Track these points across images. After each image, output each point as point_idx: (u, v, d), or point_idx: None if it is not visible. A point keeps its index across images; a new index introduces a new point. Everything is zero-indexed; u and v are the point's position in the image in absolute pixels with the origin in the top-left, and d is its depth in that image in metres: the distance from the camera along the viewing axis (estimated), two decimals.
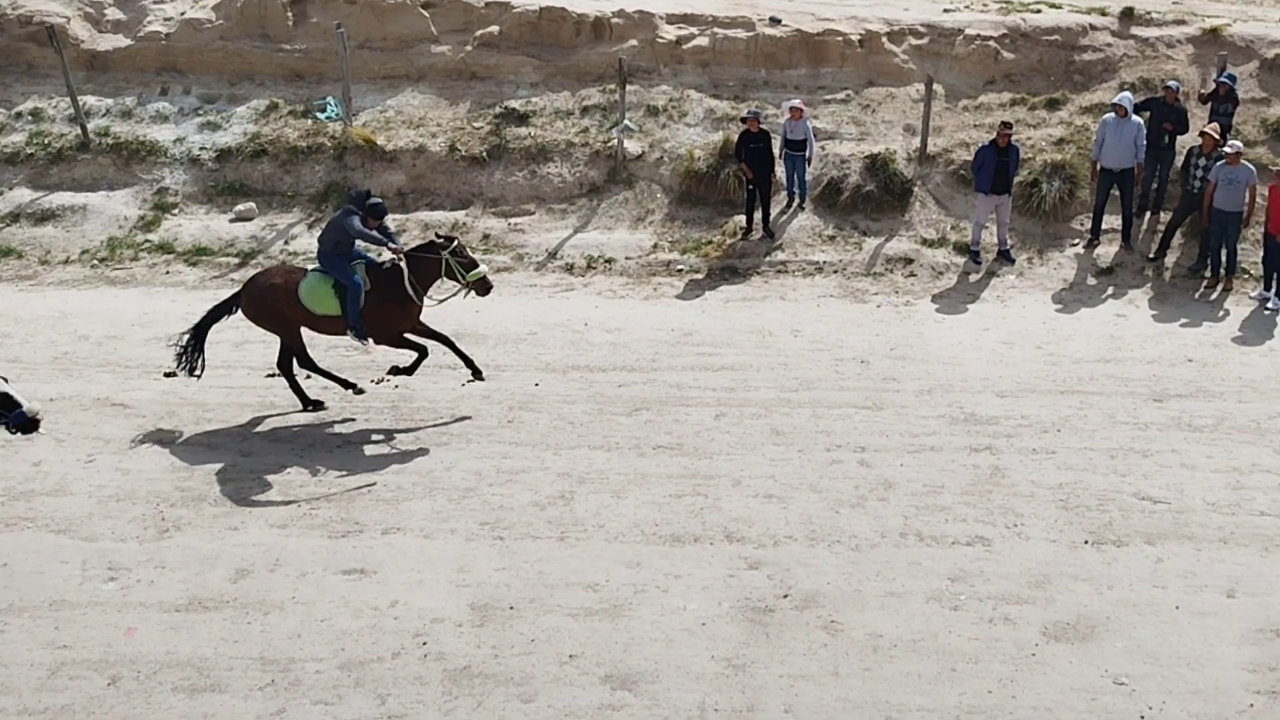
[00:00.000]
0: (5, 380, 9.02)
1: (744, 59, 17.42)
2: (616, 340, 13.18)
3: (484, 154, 16.40)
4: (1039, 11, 18.48)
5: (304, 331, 11.64)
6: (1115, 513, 10.58)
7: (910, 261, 15.25)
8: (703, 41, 17.47)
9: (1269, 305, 14.45)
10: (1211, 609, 9.43)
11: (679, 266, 15.20)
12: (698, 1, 18.29)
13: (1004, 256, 15.32)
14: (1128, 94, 15.76)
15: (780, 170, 15.91)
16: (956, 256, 15.37)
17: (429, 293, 11.62)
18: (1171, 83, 16.00)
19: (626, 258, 15.33)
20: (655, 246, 15.52)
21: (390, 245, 11.38)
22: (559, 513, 10.47)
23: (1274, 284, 14.50)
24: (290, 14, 17.77)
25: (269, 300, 11.40)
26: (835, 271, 15.09)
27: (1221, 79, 15.95)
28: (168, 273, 15.03)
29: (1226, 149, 14.60)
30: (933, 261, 15.28)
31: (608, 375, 12.68)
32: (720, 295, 14.56)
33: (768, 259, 15.29)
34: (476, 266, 11.47)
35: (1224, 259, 14.87)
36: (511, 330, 13.62)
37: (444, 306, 12.04)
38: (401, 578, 9.58)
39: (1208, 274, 15.00)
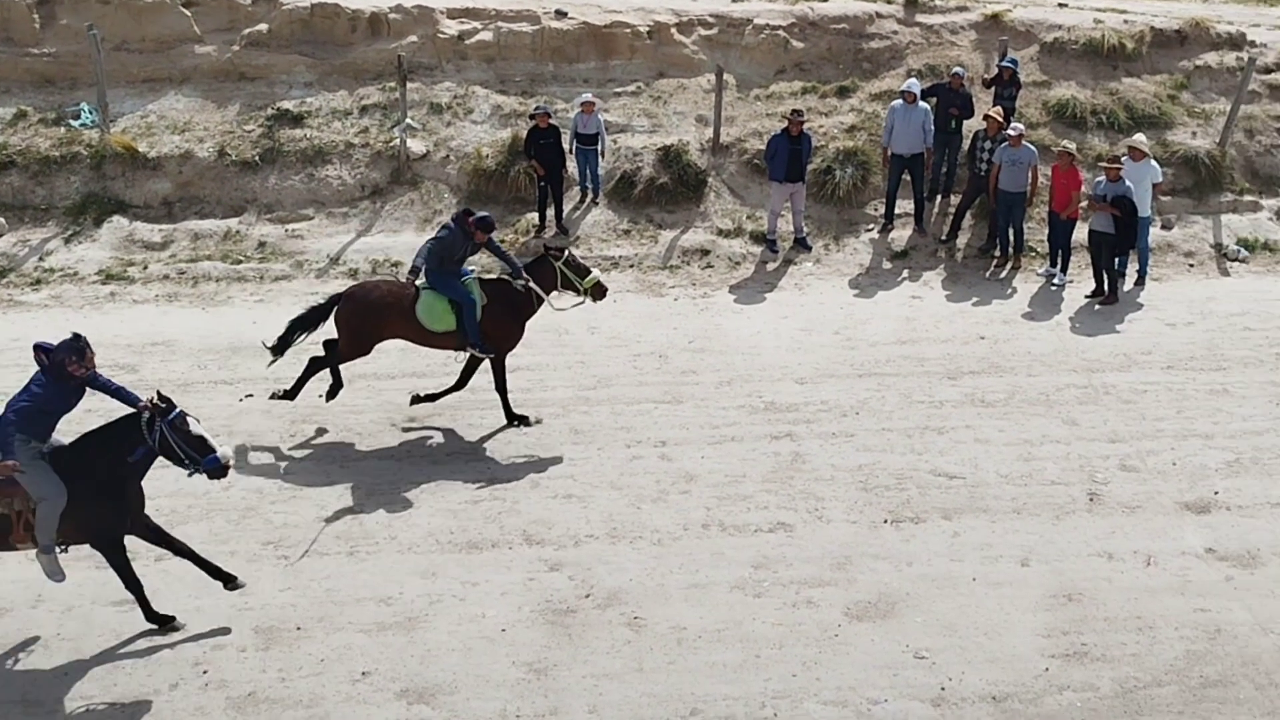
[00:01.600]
0: (197, 420, 8.66)
1: (530, 53, 17.59)
2: (405, 345, 13.11)
3: (256, 158, 16.08)
4: (826, 0, 19.23)
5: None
6: (913, 490, 11.11)
7: (707, 253, 15.66)
8: (487, 36, 17.56)
9: (1055, 281, 15.40)
10: (1007, 579, 9.98)
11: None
12: None
13: (800, 244, 15.88)
14: (915, 80, 16.57)
15: (572, 165, 16.11)
16: (753, 246, 15.86)
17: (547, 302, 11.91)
18: (957, 69, 16.89)
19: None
20: None
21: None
22: (347, 527, 10.37)
23: (1059, 260, 15.47)
24: (37, 15, 17.08)
25: (378, 313, 11.49)
26: (631, 266, 15.37)
27: (1004, 64, 16.92)
28: None
29: (1010, 131, 15.49)
30: (729, 252, 15.73)
31: (397, 383, 12.61)
32: None
33: None
34: (589, 273, 11.85)
35: (1011, 238, 15.78)
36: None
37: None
38: (178, 605, 9.32)
39: (997, 253, 15.89)
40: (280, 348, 11.76)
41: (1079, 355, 13.68)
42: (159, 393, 8.61)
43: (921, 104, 16.07)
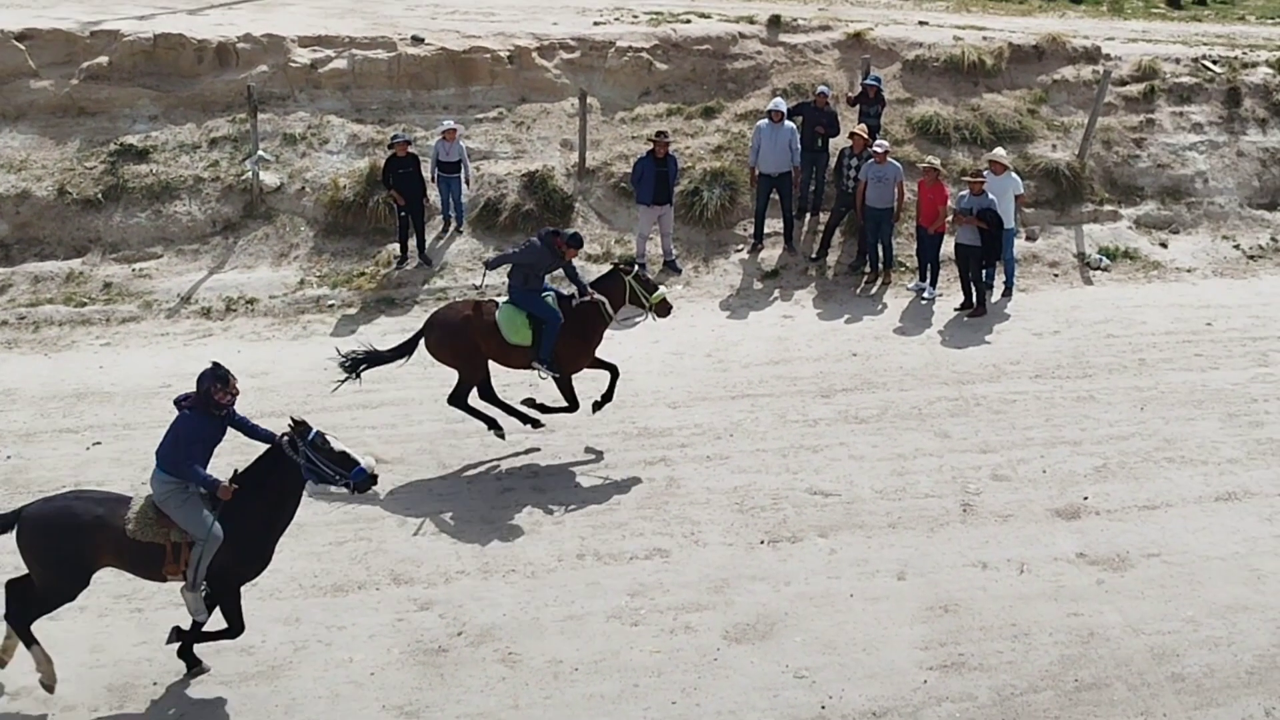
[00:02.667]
0: (335, 438, 8.84)
1: (387, 80, 17.54)
2: (263, 385, 12.92)
3: (99, 195, 15.73)
4: (689, 22, 19.58)
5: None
6: (789, 510, 11.30)
7: None
8: (341, 64, 17.47)
9: (924, 295, 15.84)
10: (884, 593, 10.22)
11: (330, 302, 15.08)
12: (333, 23, 18.31)
13: (670, 267, 16.08)
14: (781, 99, 16.95)
15: (434, 194, 16.09)
16: None
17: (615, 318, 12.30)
18: (822, 87, 17.31)
19: (270, 297, 15.07)
20: (302, 283, 15.34)
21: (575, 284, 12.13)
22: None
23: (928, 274, 15.92)
24: None
25: (463, 333, 11.82)
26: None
27: (868, 81, 17.40)
28: None
29: (875, 148, 15.93)
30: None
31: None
32: (377, 328, 14.53)
33: (426, 287, 15.41)
34: (657, 289, 12.19)
35: (880, 254, 16.20)
36: (142, 385, 13.09)
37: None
38: (22, 666, 9.01)
39: (867, 269, 16.30)
40: (352, 365, 11.93)
41: (949, 368, 14.07)
42: (293, 417, 8.82)
43: (787, 123, 16.43)
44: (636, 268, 12.33)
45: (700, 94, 18.49)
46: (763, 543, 10.83)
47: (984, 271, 15.49)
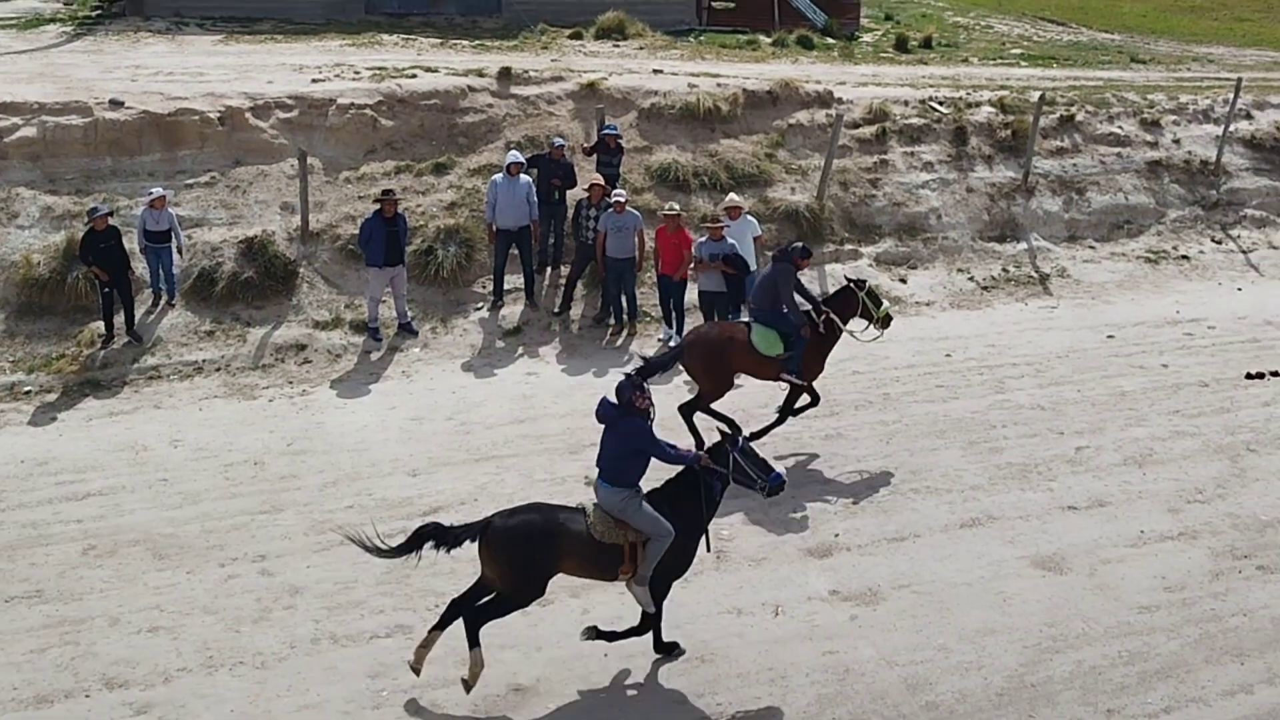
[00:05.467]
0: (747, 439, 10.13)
1: (84, 148, 16.91)
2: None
3: None
4: (414, 76, 19.65)
5: None
6: None
7: (303, 347, 15.47)
8: (29, 132, 16.75)
9: (671, 343, 16.18)
10: (639, 649, 10.24)
11: (26, 388, 14.35)
12: (19, 88, 17.60)
13: (405, 329, 15.97)
14: (516, 152, 17.14)
15: (141, 266, 15.57)
16: (354, 336, 15.80)
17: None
18: (557, 139, 17.60)
19: None
20: None
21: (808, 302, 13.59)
22: None
23: (674, 322, 16.30)
24: None
25: (725, 352, 13.28)
26: (218, 369, 14.96)
27: (607, 132, 17.78)
28: None
29: (614, 198, 16.27)
30: (329, 345, 15.60)
31: None
32: (81, 413, 13.92)
33: (136, 365, 14.85)
34: (883, 304, 13.77)
35: (625, 304, 16.51)
36: None
37: None
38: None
39: (612, 321, 16.57)
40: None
41: (698, 415, 14.37)
42: (719, 428, 10.45)
43: (523, 176, 16.62)
44: (868, 284, 13.95)
45: (430, 150, 18.53)
46: None
47: (730, 316, 15.95)
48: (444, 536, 9.60)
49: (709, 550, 10.22)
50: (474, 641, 9.55)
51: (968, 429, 14.11)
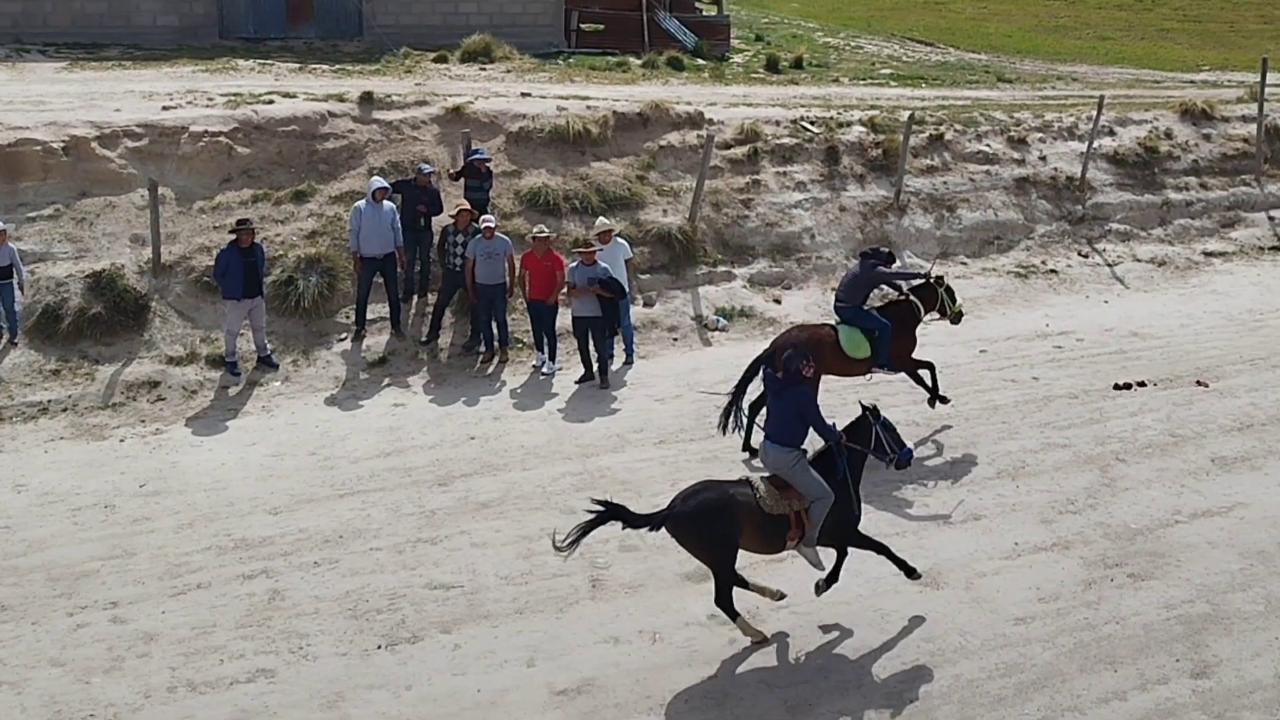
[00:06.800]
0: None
1: None
2: None
3: None
4: (272, 102, 19.40)
5: None
6: (408, 609, 11.15)
7: (156, 384, 15.12)
8: None
9: (544, 370, 16.18)
10: (513, 683, 10.22)
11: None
12: None
13: (265, 363, 15.70)
14: (379, 178, 17.01)
15: None
16: (211, 371, 15.50)
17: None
18: (423, 165, 17.51)
19: None
20: None
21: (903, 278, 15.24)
22: None
23: (546, 348, 16.27)
24: None
25: (818, 355, 13.30)
26: (64, 409, 14.54)
27: (477, 156, 17.72)
28: None
29: (482, 223, 16.21)
30: (184, 381, 15.27)
31: None
32: None
33: None
34: (958, 300, 15.17)
35: (495, 331, 16.43)
36: None
37: None
38: None
39: (482, 349, 16.48)
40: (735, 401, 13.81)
41: (573, 442, 14.38)
42: (862, 403, 11.35)
43: (387, 203, 16.50)
44: (946, 281, 15.23)
45: (289, 178, 18.29)
46: (380, 647, 10.62)
47: (607, 341, 15.99)
48: (627, 518, 10.39)
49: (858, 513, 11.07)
50: (733, 615, 10.55)
51: None
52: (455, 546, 12.18)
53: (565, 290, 16.13)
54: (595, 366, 15.98)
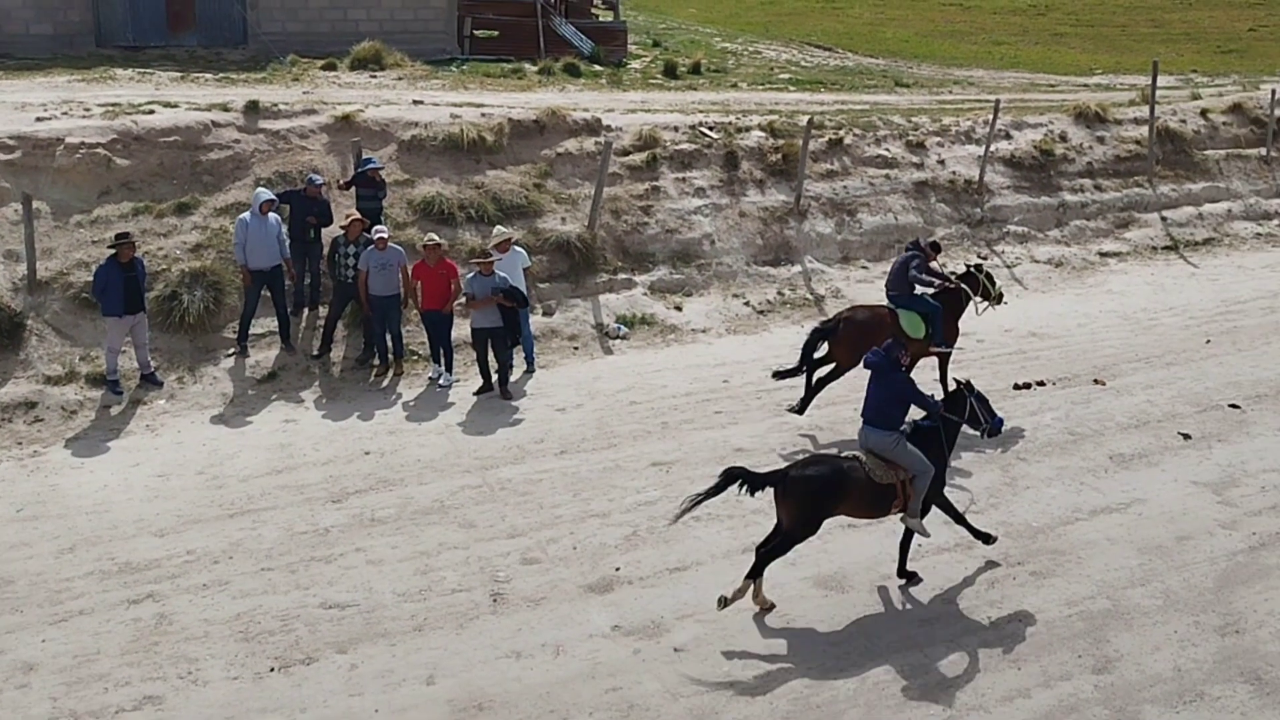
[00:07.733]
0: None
1: None
2: None
3: None
4: (152, 112, 19.05)
5: None
6: (301, 630, 10.97)
7: (33, 405, 14.74)
8: None
9: (441, 382, 16.05)
10: (411, 702, 10.10)
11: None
12: None
13: (149, 381, 15.37)
14: (265, 189, 16.76)
15: None
16: (92, 390, 15.14)
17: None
18: (314, 176, 17.29)
19: None
20: None
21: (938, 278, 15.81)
22: None
23: (442, 360, 16.15)
24: None
25: (878, 334, 14.34)
26: None
27: (370, 165, 17.51)
28: None
29: (375, 234, 16.05)
30: (62, 401, 14.90)
31: None
32: None
33: None
34: (998, 284, 16.43)
35: (390, 344, 16.28)
36: None
37: None
38: None
39: (376, 362, 16.33)
40: (797, 372, 15.29)
41: (471, 455, 14.28)
42: (955, 380, 12.42)
43: (273, 214, 16.28)
44: (985, 269, 16.45)
45: (171, 190, 17.96)
46: (273, 670, 10.43)
47: (508, 350, 15.91)
48: (750, 479, 11.10)
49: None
50: (757, 573, 11.21)
51: (747, 454, 14.31)
52: (350, 564, 12.02)
53: (464, 301, 16.04)
54: (495, 377, 15.90)
